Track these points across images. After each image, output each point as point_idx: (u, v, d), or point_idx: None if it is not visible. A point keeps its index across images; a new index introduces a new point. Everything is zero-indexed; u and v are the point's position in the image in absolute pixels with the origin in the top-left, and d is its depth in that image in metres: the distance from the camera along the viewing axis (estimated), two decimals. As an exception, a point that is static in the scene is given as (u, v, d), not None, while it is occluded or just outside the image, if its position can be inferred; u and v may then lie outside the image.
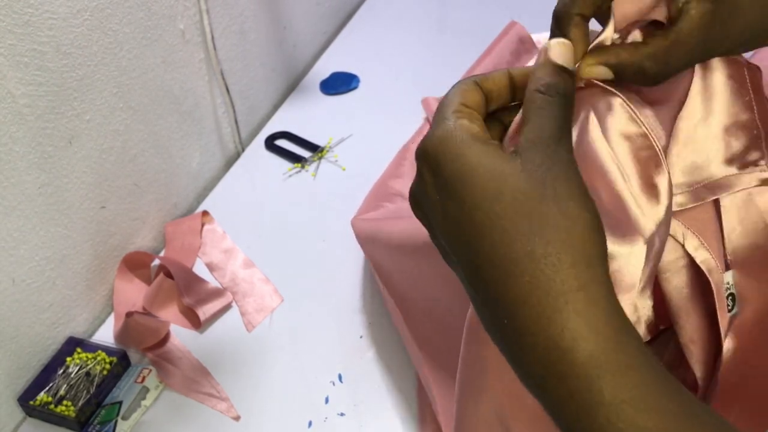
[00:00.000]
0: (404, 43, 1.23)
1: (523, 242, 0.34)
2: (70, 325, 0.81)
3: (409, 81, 1.15)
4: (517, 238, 0.34)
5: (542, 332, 0.33)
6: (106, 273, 0.85)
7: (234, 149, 1.06)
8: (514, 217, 0.34)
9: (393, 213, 0.79)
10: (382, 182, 0.87)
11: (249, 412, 0.75)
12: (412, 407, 0.74)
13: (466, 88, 0.40)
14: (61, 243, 0.77)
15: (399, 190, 0.85)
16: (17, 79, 0.66)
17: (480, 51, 1.10)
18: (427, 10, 1.31)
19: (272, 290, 0.87)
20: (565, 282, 0.33)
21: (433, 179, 0.37)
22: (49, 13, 0.68)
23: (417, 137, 0.94)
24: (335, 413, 0.74)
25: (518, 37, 1.05)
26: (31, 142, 0.70)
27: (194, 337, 0.82)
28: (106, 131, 0.79)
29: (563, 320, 0.33)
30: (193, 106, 0.94)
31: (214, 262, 0.90)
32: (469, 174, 0.35)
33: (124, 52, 0.79)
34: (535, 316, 0.34)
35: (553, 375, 0.33)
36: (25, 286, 0.74)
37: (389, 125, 1.06)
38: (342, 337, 0.81)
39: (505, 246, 0.34)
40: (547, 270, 0.34)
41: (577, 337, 0.33)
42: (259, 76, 1.09)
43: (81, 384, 0.76)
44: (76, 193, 0.77)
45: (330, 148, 1.04)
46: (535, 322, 0.34)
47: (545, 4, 1.37)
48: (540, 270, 0.34)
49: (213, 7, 0.93)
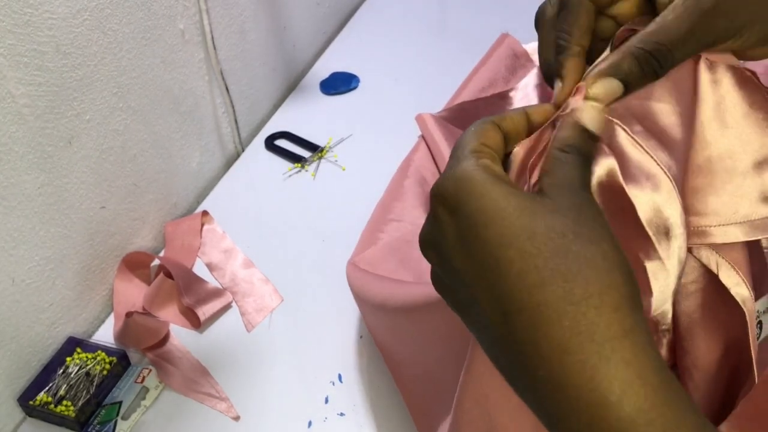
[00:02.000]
0: (404, 43, 1.23)
1: (560, 283, 0.31)
2: (69, 325, 0.81)
3: (409, 81, 1.15)
4: (554, 279, 0.31)
5: (586, 384, 0.30)
6: (105, 273, 0.85)
7: (234, 149, 1.07)
8: (549, 255, 0.32)
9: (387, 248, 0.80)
10: (382, 206, 0.88)
11: (249, 412, 0.75)
12: (412, 407, 0.74)
13: (486, 127, 0.38)
14: (61, 243, 0.77)
15: (397, 215, 0.86)
16: (17, 79, 0.66)
17: (479, 51, 1.10)
18: (427, 11, 1.32)
19: (272, 290, 0.87)
20: (610, 327, 0.31)
21: (452, 220, 0.34)
22: (49, 13, 0.68)
23: (415, 153, 0.95)
24: (335, 413, 0.74)
25: (512, 52, 1.05)
26: (30, 142, 0.70)
27: (194, 337, 0.82)
28: (105, 131, 0.79)
29: (612, 370, 0.30)
30: (193, 106, 0.94)
31: (213, 262, 0.90)
32: (497, 212, 0.33)
33: (124, 52, 0.79)
34: (579, 366, 0.30)
35: None
36: (25, 286, 0.74)
37: (389, 125, 1.06)
38: (342, 337, 0.81)
39: (540, 287, 0.31)
40: (589, 313, 0.31)
41: (626, 389, 0.30)
42: (259, 76, 1.09)
43: (81, 384, 0.76)
44: (75, 193, 0.77)
45: (330, 148, 1.04)
46: (579, 372, 0.30)
47: (545, 4, 1.35)
48: (582, 313, 0.31)
49: (213, 7, 0.93)
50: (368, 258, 0.79)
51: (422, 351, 0.65)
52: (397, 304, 0.64)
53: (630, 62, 0.38)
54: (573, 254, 0.32)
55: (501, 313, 0.33)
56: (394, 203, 0.87)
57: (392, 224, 0.84)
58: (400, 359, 0.72)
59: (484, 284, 0.33)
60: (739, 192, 0.41)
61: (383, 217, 0.86)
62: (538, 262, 0.32)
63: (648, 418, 0.30)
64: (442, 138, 0.95)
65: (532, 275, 0.32)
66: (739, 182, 0.41)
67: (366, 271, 0.77)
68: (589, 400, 0.30)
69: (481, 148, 0.37)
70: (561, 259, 0.32)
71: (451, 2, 1.33)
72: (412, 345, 0.67)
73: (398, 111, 1.05)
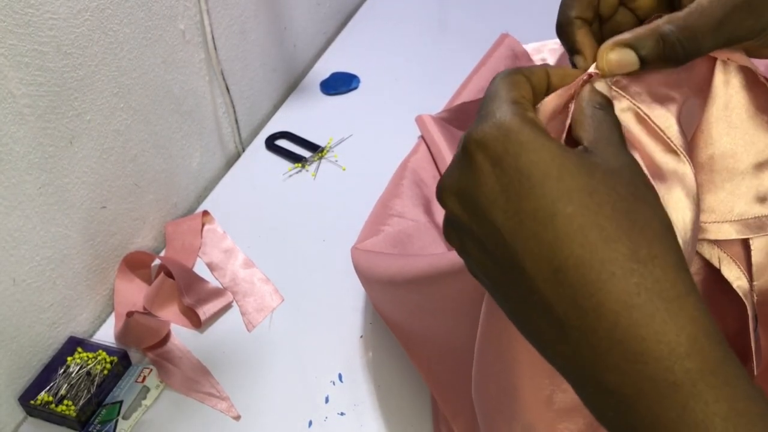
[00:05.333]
0: (404, 43, 1.23)
1: (626, 241, 0.31)
2: (70, 324, 0.81)
3: (409, 81, 1.15)
4: (620, 237, 0.31)
5: (653, 336, 0.30)
6: (106, 273, 0.85)
7: (234, 149, 1.07)
8: (611, 214, 0.31)
9: (390, 239, 0.80)
10: (382, 203, 0.88)
11: (249, 412, 0.75)
12: (412, 407, 0.74)
13: (520, 78, 0.37)
14: (62, 243, 0.77)
15: (398, 211, 0.86)
16: (18, 79, 0.66)
17: (479, 51, 1.10)
18: (427, 11, 1.32)
19: (272, 290, 0.87)
20: (675, 285, 0.31)
21: (494, 171, 0.33)
22: (50, 14, 0.68)
23: (413, 155, 0.95)
24: (335, 413, 0.74)
25: (512, 52, 1.06)
26: (31, 142, 0.70)
27: (194, 337, 0.82)
28: (106, 131, 0.80)
29: (680, 325, 0.30)
30: (193, 106, 0.94)
31: (214, 262, 0.90)
32: (554, 167, 0.32)
33: (125, 53, 0.79)
34: (647, 319, 0.30)
35: (662, 386, 0.30)
36: (26, 285, 0.74)
37: (389, 125, 1.06)
38: (342, 337, 0.81)
39: (605, 244, 0.31)
40: (656, 272, 0.31)
41: (694, 343, 0.30)
42: (260, 76, 1.09)
43: (82, 383, 0.76)
44: (76, 193, 0.77)
45: (330, 148, 1.04)
46: (646, 326, 0.30)
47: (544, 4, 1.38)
48: (649, 272, 0.31)
49: (213, 7, 0.93)
50: (371, 246, 0.79)
51: (437, 319, 0.65)
52: (407, 277, 0.64)
53: (655, 40, 0.37)
54: (635, 214, 0.31)
55: (551, 270, 0.32)
56: (395, 200, 0.88)
57: (394, 219, 0.84)
58: (413, 332, 0.71)
59: (531, 240, 0.32)
60: (737, 191, 0.42)
61: (384, 212, 0.86)
62: (600, 220, 0.31)
63: (714, 371, 0.30)
64: (442, 139, 0.95)
65: (595, 232, 0.31)
66: (738, 182, 0.42)
67: (371, 251, 0.77)
68: (657, 353, 0.30)
69: (521, 100, 0.35)
70: (624, 219, 0.31)
71: (451, 2, 1.33)
72: (425, 315, 0.67)
73: (398, 111, 1.05)
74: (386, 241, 0.80)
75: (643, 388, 0.30)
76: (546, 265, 0.32)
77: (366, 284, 0.77)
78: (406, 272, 0.65)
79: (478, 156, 0.33)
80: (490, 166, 0.33)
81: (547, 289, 0.32)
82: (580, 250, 0.31)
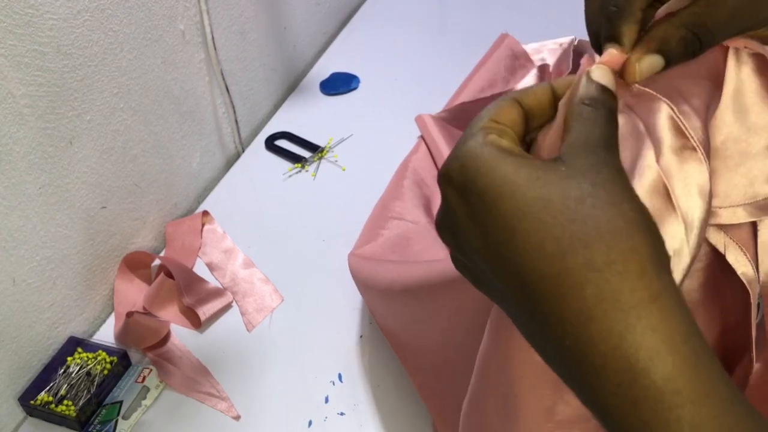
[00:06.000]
0: (404, 43, 1.23)
1: (581, 251, 0.30)
2: (70, 324, 0.81)
3: (409, 81, 1.15)
4: (574, 247, 0.30)
5: (612, 352, 0.30)
6: (106, 273, 0.85)
7: (234, 149, 1.07)
8: (566, 223, 0.31)
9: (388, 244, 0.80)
10: (382, 204, 0.88)
11: (249, 412, 0.75)
12: (412, 407, 0.74)
13: (501, 104, 0.37)
14: (62, 243, 0.77)
15: (398, 213, 0.86)
16: (18, 79, 0.66)
17: (479, 51, 1.10)
18: (427, 11, 1.32)
19: (272, 290, 0.87)
20: (634, 293, 0.30)
21: (461, 200, 0.33)
22: (50, 14, 0.68)
23: (413, 155, 0.95)
24: (335, 413, 0.74)
25: (511, 52, 1.06)
26: (31, 143, 0.70)
27: (194, 337, 0.83)
28: (106, 131, 0.80)
29: (638, 337, 0.29)
30: (193, 106, 0.94)
31: (214, 262, 0.90)
32: (508, 185, 0.32)
33: (125, 53, 0.79)
34: (604, 333, 0.30)
35: (625, 401, 0.30)
36: (26, 286, 0.74)
37: (389, 125, 1.06)
38: (342, 337, 0.81)
39: (560, 257, 0.30)
40: (612, 280, 0.30)
41: (653, 357, 0.29)
42: (259, 76, 1.09)
43: (81, 383, 0.76)
44: (76, 193, 0.77)
45: (330, 148, 1.04)
46: (605, 340, 0.30)
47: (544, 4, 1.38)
48: (605, 280, 0.30)
49: (213, 7, 0.93)
50: (369, 253, 0.79)
51: (433, 330, 0.65)
52: (405, 284, 0.64)
53: (678, 40, 0.37)
54: (592, 219, 0.31)
55: (521, 286, 0.32)
56: (395, 202, 0.88)
57: (393, 222, 0.85)
58: (408, 342, 0.71)
59: (501, 260, 0.32)
60: (750, 174, 0.42)
61: (384, 214, 0.86)
62: (555, 231, 0.31)
63: (675, 387, 0.29)
64: (442, 139, 0.95)
65: (550, 245, 0.31)
66: (751, 164, 0.42)
67: (369, 258, 0.77)
68: (616, 368, 0.30)
69: (489, 125, 0.35)
70: (580, 226, 0.30)
71: (451, 2, 1.33)
72: (421, 325, 0.67)
73: (398, 111, 1.05)
74: (384, 246, 0.80)
75: (610, 403, 0.30)
76: (516, 282, 0.32)
77: (362, 291, 0.78)
78: (402, 281, 0.65)
79: (448, 190, 0.34)
80: (458, 197, 0.34)
81: (521, 305, 0.32)
82: (540, 264, 0.31)
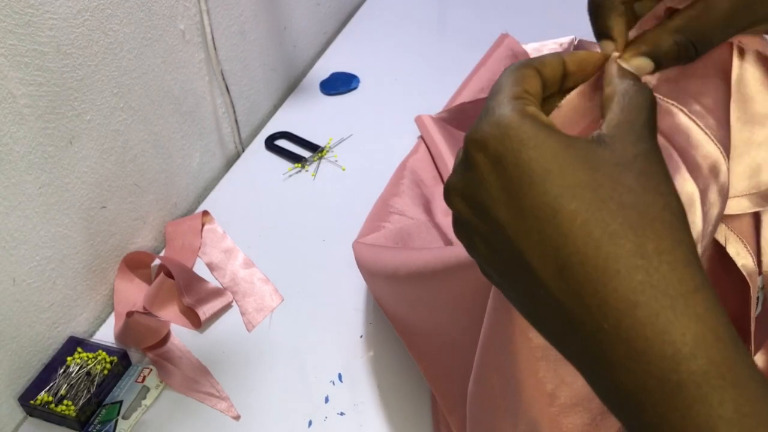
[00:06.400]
0: (404, 43, 1.24)
1: (631, 237, 0.30)
2: (70, 324, 0.81)
3: (409, 81, 1.15)
4: (625, 233, 0.30)
5: (658, 336, 0.30)
6: (106, 273, 0.85)
7: (234, 149, 1.07)
8: (617, 209, 0.31)
9: (391, 235, 0.80)
10: (382, 201, 0.88)
11: (249, 412, 0.75)
12: (412, 407, 0.74)
13: (527, 72, 0.36)
14: (62, 243, 0.77)
15: (399, 209, 0.86)
16: (18, 79, 0.66)
17: (479, 51, 1.10)
18: (427, 11, 1.32)
19: (272, 290, 0.87)
20: (683, 282, 0.30)
21: (494, 170, 0.33)
22: (50, 14, 0.68)
23: (413, 155, 0.95)
24: (335, 413, 0.74)
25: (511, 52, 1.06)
26: (31, 142, 0.70)
27: (194, 337, 0.83)
28: (106, 131, 0.80)
29: (685, 324, 0.30)
30: (193, 106, 0.94)
31: (214, 262, 0.90)
32: (557, 163, 0.31)
33: (125, 53, 0.79)
34: (652, 319, 0.30)
35: (667, 385, 0.30)
36: (26, 285, 0.74)
37: (389, 125, 1.06)
38: (342, 337, 0.81)
39: (609, 240, 0.30)
40: (662, 268, 0.30)
41: (700, 343, 0.29)
42: (259, 76, 1.09)
43: (81, 383, 0.76)
44: (76, 193, 0.77)
45: (330, 148, 1.04)
46: (651, 325, 0.30)
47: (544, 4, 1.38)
48: (655, 268, 0.30)
49: (213, 7, 0.93)
50: (373, 241, 0.79)
51: (439, 313, 0.65)
52: (409, 269, 0.64)
53: (670, 45, 0.37)
54: (644, 207, 0.31)
55: (556, 267, 0.31)
56: (395, 198, 0.88)
57: (394, 216, 0.85)
58: (414, 326, 0.71)
59: (535, 237, 0.32)
60: (753, 163, 0.42)
61: (385, 210, 0.86)
62: (604, 215, 0.31)
63: (719, 372, 0.29)
64: (442, 139, 0.95)
65: (599, 228, 0.30)
66: (755, 154, 0.42)
67: (373, 245, 0.77)
68: (660, 353, 0.30)
69: (523, 95, 0.34)
70: (630, 213, 0.31)
71: (451, 2, 1.33)
72: (426, 309, 0.67)
73: (398, 111, 1.05)
74: (387, 237, 0.80)
75: (647, 387, 0.30)
76: (551, 263, 0.32)
77: (367, 278, 0.77)
78: (408, 265, 0.65)
79: (478, 156, 0.33)
80: (491, 166, 0.33)
81: (554, 286, 0.32)
82: (584, 247, 0.31)
